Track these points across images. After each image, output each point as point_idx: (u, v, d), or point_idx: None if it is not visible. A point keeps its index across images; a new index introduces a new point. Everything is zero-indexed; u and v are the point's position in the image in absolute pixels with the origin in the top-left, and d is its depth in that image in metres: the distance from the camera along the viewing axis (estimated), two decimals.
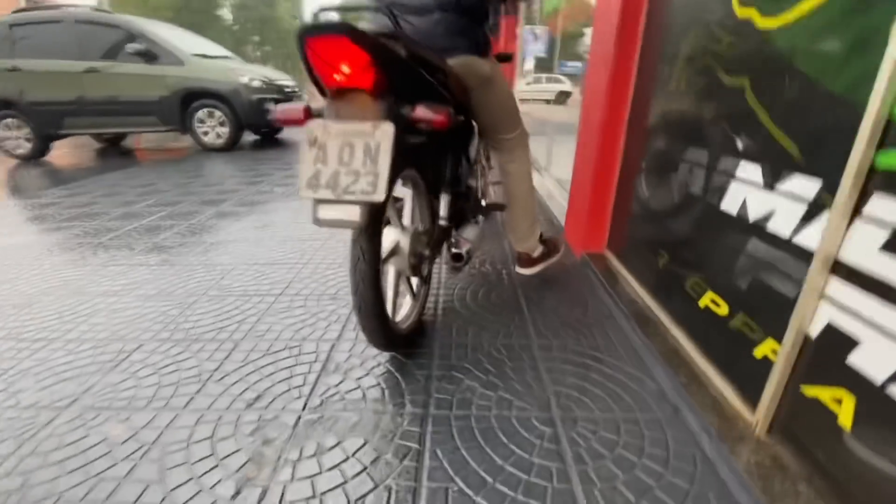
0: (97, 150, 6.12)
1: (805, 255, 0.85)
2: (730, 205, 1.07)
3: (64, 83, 4.90)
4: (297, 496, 0.87)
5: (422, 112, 0.94)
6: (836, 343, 0.79)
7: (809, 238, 0.84)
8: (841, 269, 0.78)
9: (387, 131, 0.89)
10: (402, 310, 1.40)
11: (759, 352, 0.96)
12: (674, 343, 1.28)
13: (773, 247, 0.93)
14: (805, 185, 0.85)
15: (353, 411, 1.10)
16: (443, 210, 1.37)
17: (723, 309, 1.09)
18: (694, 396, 1.08)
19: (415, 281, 1.44)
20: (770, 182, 0.94)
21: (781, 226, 0.91)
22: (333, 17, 1.05)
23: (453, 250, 1.37)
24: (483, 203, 1.82)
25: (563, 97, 5.05)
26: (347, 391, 1.17)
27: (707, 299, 1.16)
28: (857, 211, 0.75)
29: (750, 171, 1.01)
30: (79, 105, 5.00)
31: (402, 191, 1.33)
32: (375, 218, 1.01)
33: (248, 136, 6.55)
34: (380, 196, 0.88)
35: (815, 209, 0.83)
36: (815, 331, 0.83)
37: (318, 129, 0.93)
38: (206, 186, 3.54)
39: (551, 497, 0.87)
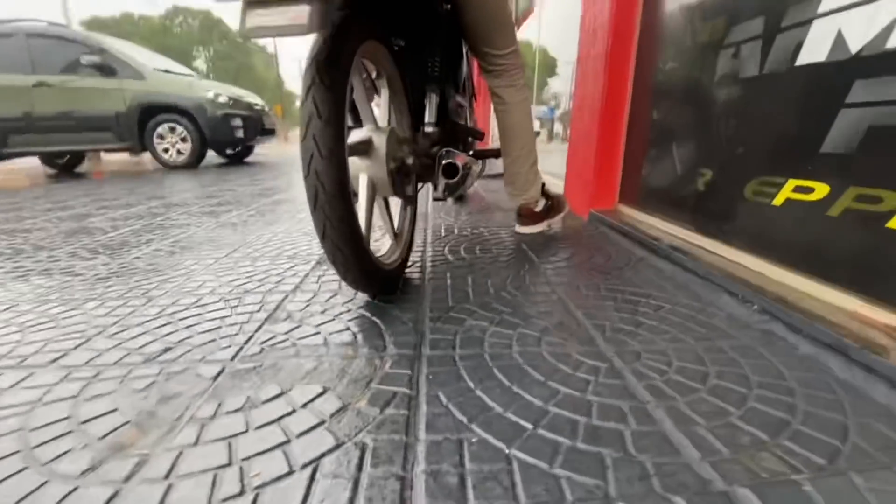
0: (50, 175, 5.66)
1: None
2: (813, 52, 0.81)
3: (7, 98, 4.52)
4: (201, 465, 0.50)
5: None
6: None
7: None
8: None
9: None
10: (383, 247, 1.06)
11: None
12: (736, 269, 0.98)
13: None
14: None
15: (308, 357, 0.74)
16: (429, 112, 1.07)
17: (819, 192, 0.81)
18: (787, 317, 0.77)
19: (396, 213, 1.11)
20: None
21: None
22: None
23: (445, 161, 1.06)
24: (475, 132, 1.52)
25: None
26: (302, 337, 0.81)
27: (787, 191, 0.88)
28: None
29: None
30: (26, 121, 4.60)
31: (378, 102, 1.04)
32: (339, 37, 0.70)
33: (215, 159, 6.22)
34: None
35: None
36: None
37: None
38: (158, 187, 3.17)
39: (633, 442, 0.52)
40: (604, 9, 1.56)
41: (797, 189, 0.85)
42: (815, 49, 0.81)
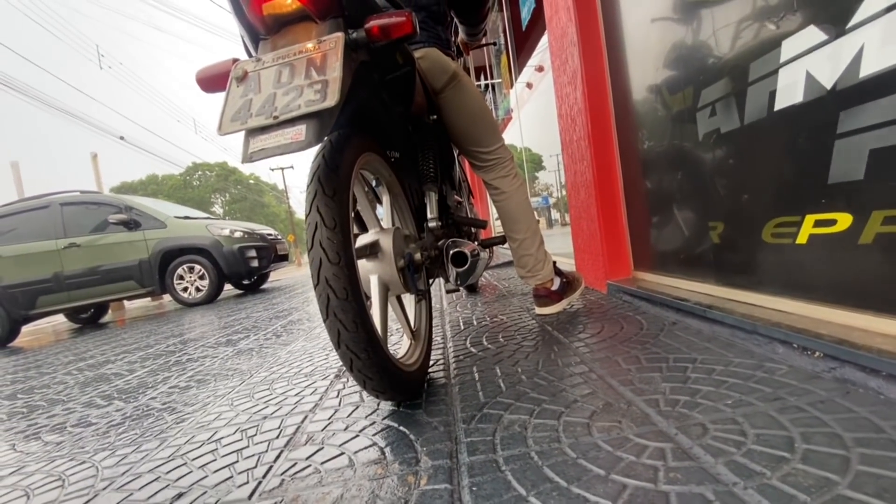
0: (75, 330, 5.80)
1: None
2: (788, 96, 0.85)
3: (39, 262, 4.83)
4: None
5: (378, 20, 0.75)
6: None
7: None
8: None
9: (336, 38, 0.69)
10: (401, 348, 1.01)
11: None
12: (779, 317, 0.91)
13: (875, 93, 0.69)
14: None
15: (333, 484, 0.66)
16: (431, 208, 1.10)
17: (842, 223, 0.78)
18: (859, 359, 0.69)
19: (411, 311, 1.08)
20: (836, 29, 0.74)
21: (883, 56, 0.68)
22: None
23: (453, 251, 1.05)
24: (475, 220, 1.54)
25: None
26: (325, 461, 0.73)
27: (808, 228, 0.85)
28: None
29: (794, 44, 0.81)
30: (55, 281, 4.86)
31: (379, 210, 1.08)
32: (338, 151, 0.75)
33: (233, 291, 6.40)
34: (332, 100, 0.63)
35: None
36: None
37: (248, 65, 0.72)
38: (176, 326, 3.20)
39: None
40: (577, 98, 1.69)
41: (818, 223, 0.82)
42: (789, 94, 0.84)
